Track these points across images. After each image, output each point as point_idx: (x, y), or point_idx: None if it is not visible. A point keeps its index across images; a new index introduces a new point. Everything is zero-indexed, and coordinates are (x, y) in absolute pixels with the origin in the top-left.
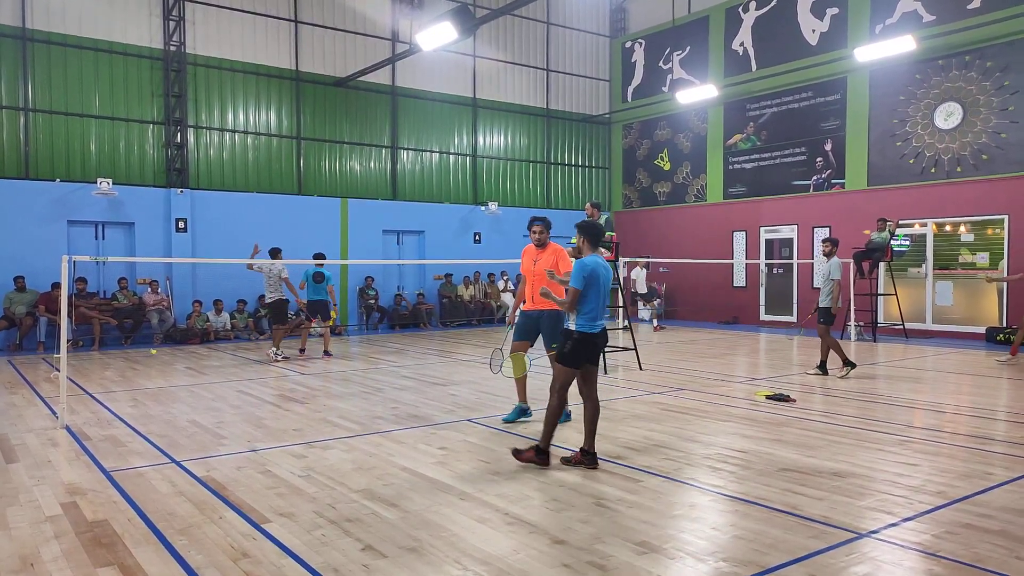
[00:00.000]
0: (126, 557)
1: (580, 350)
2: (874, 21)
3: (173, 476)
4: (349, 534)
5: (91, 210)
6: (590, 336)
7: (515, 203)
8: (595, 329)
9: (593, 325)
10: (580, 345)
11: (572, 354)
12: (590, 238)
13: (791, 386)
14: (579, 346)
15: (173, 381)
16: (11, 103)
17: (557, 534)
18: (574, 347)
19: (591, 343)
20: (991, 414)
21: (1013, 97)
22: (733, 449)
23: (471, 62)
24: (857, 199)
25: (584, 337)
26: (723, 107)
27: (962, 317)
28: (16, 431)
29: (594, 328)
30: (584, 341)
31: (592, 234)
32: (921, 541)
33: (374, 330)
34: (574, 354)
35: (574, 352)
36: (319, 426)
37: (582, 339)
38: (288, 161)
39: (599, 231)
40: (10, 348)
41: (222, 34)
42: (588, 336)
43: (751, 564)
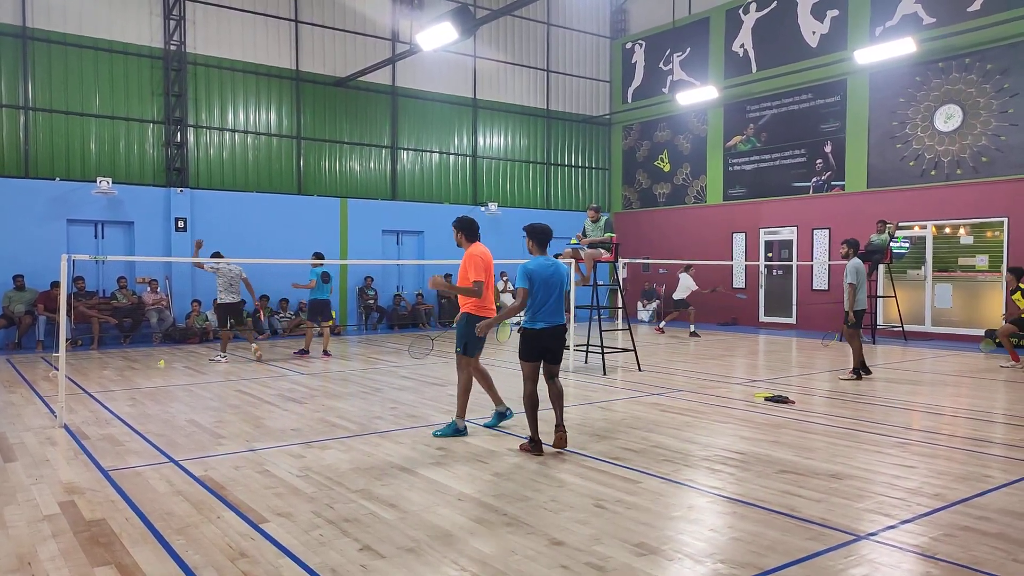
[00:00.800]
0: (124, 556)
1: (526, 344)
2: (874, 23)
3: (171, 475)
4: (347, 534)
5: (91, 209)
6: (531, 331)
7: (515, 204)
8: (535, 325)
9: (534, 322)
10: (524, 339)
11: (522, 348)
12: (535, 240)
13: (790, 388)
14: (524, 340)
15: (171, 380)
16: (11, 102)
17: (555, 535)
18: (521, 341)
19: (534, 338)
20: (989, 417)
21: (1013, 100)
22: (731, 451)
23: (471, 62)
24: (857, 201)
25: (525, 332)
26: (723, 108)
27: (961, 320)
28: (14, 430)
29: (535, 324)
30: (526, 336)
31: (537, 236)
32: (919, 543)
33: (373, 330)
34: (523, 348)
35: (523, 346)
36: (317, 426)
37: (524, 334)
38: (288, 161)
39: (544, 234)
40: (9, 347)
41: (222, 33)
42: (529, 331)
43: (749, 566)
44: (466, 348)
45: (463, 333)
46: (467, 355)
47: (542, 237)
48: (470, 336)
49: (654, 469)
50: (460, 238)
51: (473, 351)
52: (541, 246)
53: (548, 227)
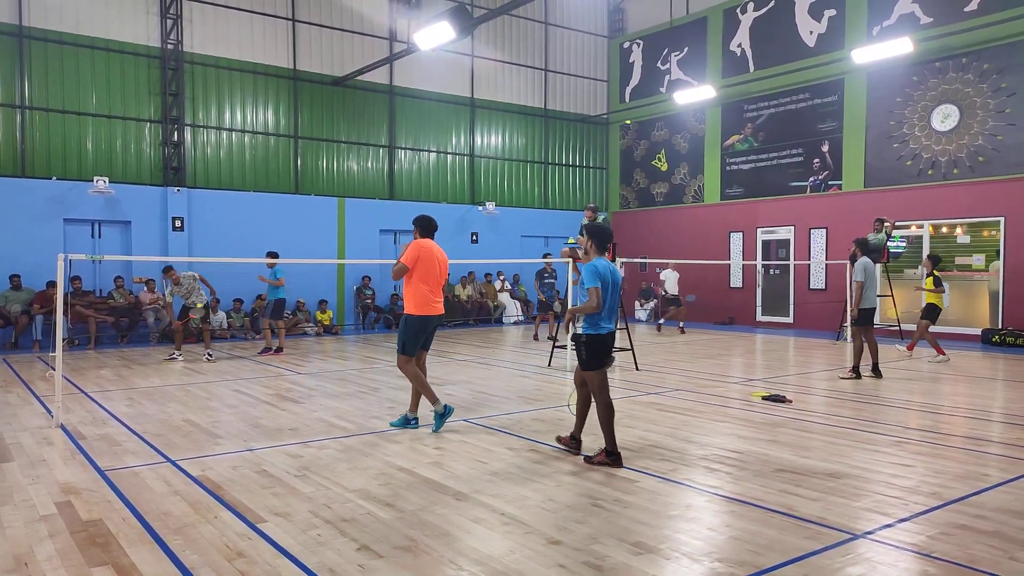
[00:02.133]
0: (120, 557)
1: (595, 351)
2: (871, 23)
3: (168, 475)
4: (345, 534)
5: (87, 208)
6: (600, 337)
7: (512, 203)
8: (602, 330)
9: (600, 327)
10: (593, 346)
11: (590, 356)
12: (596, 241)
13: (787, 387)
14: (593, 347)
15: (168, 380)
16: (7, 100)
17: (553, 534)
18: (588, 349)
19: (604, 343)
20: (986, 415)
21: (1010, 99)
22: (729, 450)
23: (469, 62)
24: (854, 200)
25: (594, 339)
26: (721, 108)
27: (958, 319)
28: (11, 430)
29: (601, 329)
30: (596, 342)
31: (598, 237)
32: (916, 542)
33: (371, 330)
34: (592, 355)
35: (591, 353)
36: (315, 425)
37: (592, 341)
38: (285, 160)
39: (605, 234)
40: (5, 347)
41: (219, 33)
42: (597, 337)
43: (746, 565)
44: (404, 347)
45: (400, 332)
46: (405, 354)
47: (603, 238)
48: (408, 336)
49: (652, 468)
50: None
51: (411, 350)
52: (602, 247)
53: (610, 228)
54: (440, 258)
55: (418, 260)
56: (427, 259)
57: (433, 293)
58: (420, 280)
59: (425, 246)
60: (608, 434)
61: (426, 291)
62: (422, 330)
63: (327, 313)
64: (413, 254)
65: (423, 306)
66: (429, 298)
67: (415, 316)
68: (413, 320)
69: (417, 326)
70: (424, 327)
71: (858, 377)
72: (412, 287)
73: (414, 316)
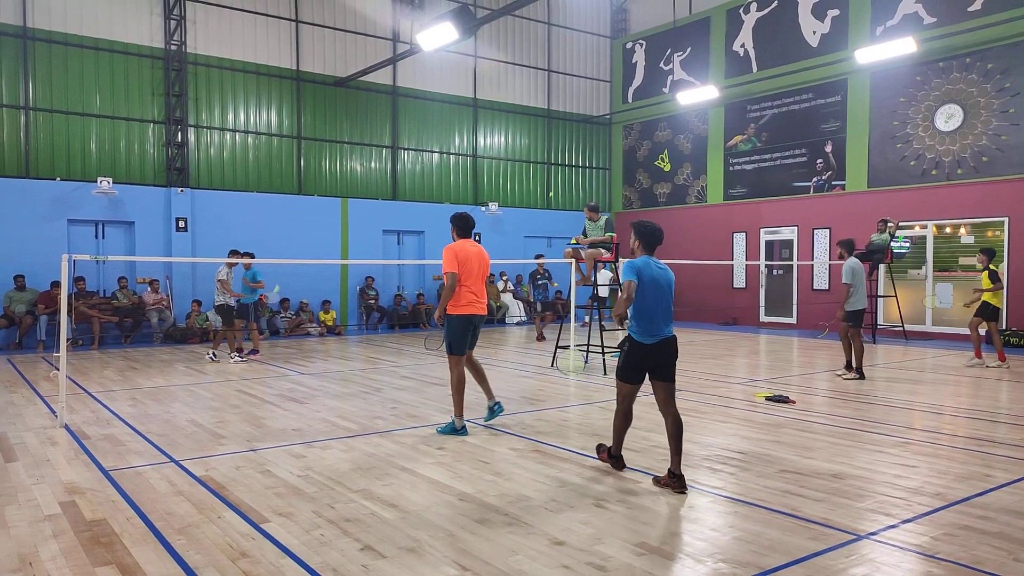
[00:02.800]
0: (124, 556)
1: (631, 361)
2: (875, 23)
3: (172, 475)
4: (348, 534)
5: (91, 209)
6: (640, 346)
7: (515, 204)
8: (647, 339)
9: (645, 334)
10: (630, 356)
11: (624, 365)
12: (643, 240)
13: (790, 388)
14: (629, 357)
15: (172, 380)
16: (12, 102)
17: (556, 535)
18: (625, 357)
19: (644, 355)
20: (990, 416)
21: (1014, 99)
22: (732, 450)
23: (472, 62)
24: (857, 201)
25: (633, 346)
26: (724, 108)
27: (962, 319)
28: (15, 430)
29: (646, 338)
30: (633, 351)
31: (645, 237)
32: (920, 543)
33: (374, 330)
34: (627, 365)
35: (626, 362)
36: (319, 426)
37: (631, 348)
38: (288, 161)
39: (653, 235)
40: (10, 347)
41: (223, 33)
42: (638, 346)
43: (750, 565)
44: (451, 348)
45: (445, 333)
46: (453, 354)
47: (651, 239)
48: (453, 336)
49: (655, 469)
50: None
51: (459, 350)
52: (649, 248)
53: (660, 229)
54: (479, 256)
55: (459, 261)
56: (465, 260)
57: (474, 292)
58: (464, 278)
59: (461, 247)
60: (618, 436)
61: (467, 290)
62: (466, 328)
63: (330, 313)
64: (452, 259)
65: (465, 305)
66: (471, 297)
67: (457, 316)
68: (456, 320)
69: (460, 325)
70: (468, 325)
71: (861, 377)
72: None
73: (456, 316)
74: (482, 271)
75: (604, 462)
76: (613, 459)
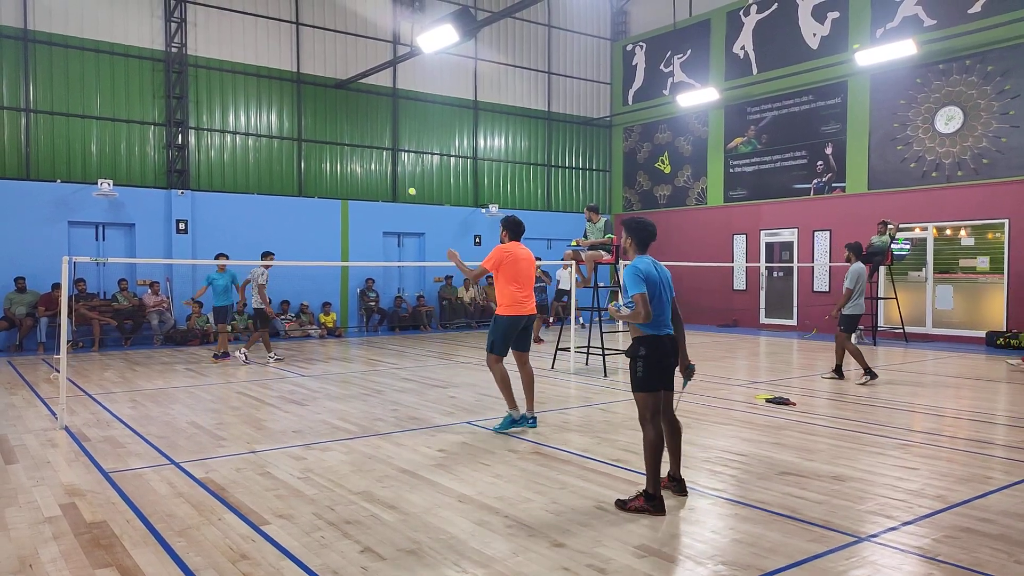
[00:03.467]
0: (124, 558)
1: (651, 364)
2: (875, 25)
3: (172, 477)
4: (348, 536)
5: (92, 211)
6: (656, 340)
7: (516, 206)
8: (661, 331)
9: (659, 328)
10: (648, 359)
11: (644, 371)
12: (635, 237)
13: (791, 389)
14: (648, 360)
15: (172, 382)
16: (12, 104)
17: (557, 537)
18: (645, 365)
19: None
20: (991, 418)
21: (1014, 101)
22: (732, 452)
23: (472, 64)
24: (858, 203)
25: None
26: (724, 110)
27: (962, 321)
28: (15, 432)
29: (660, 330)
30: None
31: (637, 233)
32: (921, 545)
33: (374, 332)
34: (646, 369)
35: (645, 367)
36: (319, 428)
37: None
38: (289, 163)
39: (645, 231)
40: (10, 349)
41: (223, 36)
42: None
43: (750, 568)
44: (492, 346)
45: (490, 331)
46: (494, 353)
47: (644, 235)
48: (497, 335)
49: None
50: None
51: (500, 350)
52: (643, 246)
53: (652, 223)
54: (528, 259)
55: (501, 263)
56: (511, 262)
57: (522, 292)
58: (508, 281)
59: (508, 249)
60: (652, 472)
61: (515, 290)
62: (512, 329)
63: (331, 315)
64: (495, 258)
65: (513, 306)
66: (518, 297)
67: (505, 316)
68: (503, 320)
69: (507, 325)
70: (514, 326)
71: (873, 376)
72: (501, 288)
73: (504, 316)
74: (530, 274)
75: (639, 512)
76: (652, 501)
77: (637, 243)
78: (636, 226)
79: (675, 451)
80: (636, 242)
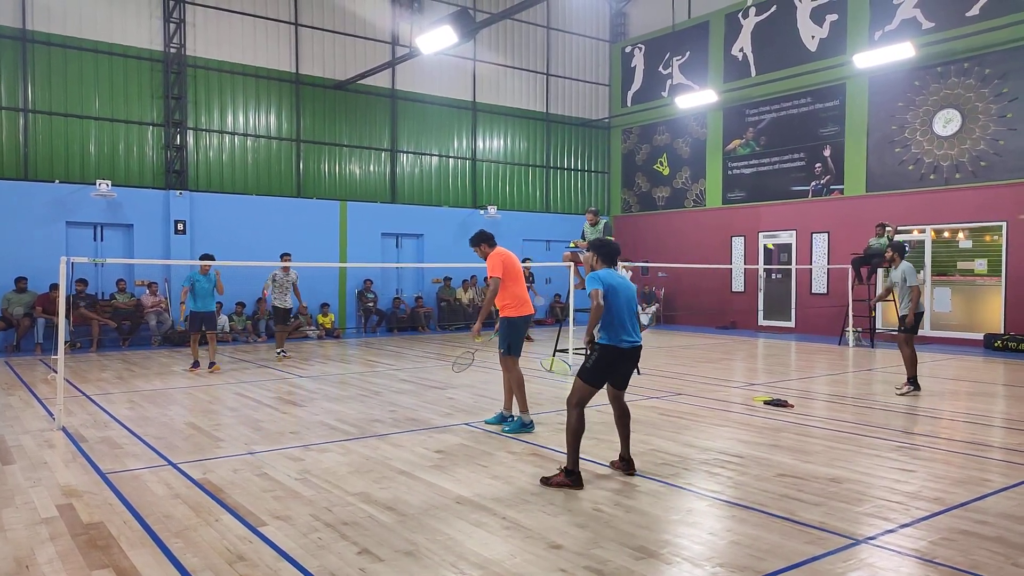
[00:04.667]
0: (121, 559)
1: (600, 365)
2: (873, 28)
3: (169, 478)
4: (346, 537)
5: (90, 211)
6: (613, 350)
7: (514, 207)
8: (621, 343)
9: (618, 338)
10: (601, 361)
11: (593, 369)
12: (599, 253)
13: (789, 392)
14: (600, 361)
15: (170, 383)
16: (11, 104)
17: (554, 539)
18: (595, 361)
19: (617, 358)
20: (988, 420)
21: (1011, 104)
22: (730, 454)
23: (471, 66)
24: (856, 205)
25: (605, 351)
26: (722, 112)
27: (960, 323)
28: (13, 432)
29: (619, 342)
30: (605, 356)
31: (602, 251)
32: (918, 547)
33: (372, 333)
34: (595, 369)
35: (595, 367)
36: (316, 429)
37: (603, 352)
38: (287, 164)
39: (613, 249)
40: (7, 349)
41: (222, 36)
42: (610, 350)
43: (748, 570)
44: (510, 348)
45: (504, 335)
46: (511, 355)
47: (609, 250)
48: (513, 337)
49: (652, 472)
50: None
51: (517, 351)
52: (609, 260)
53: (617, 244)
54: (516, 259)
55: (505, 266)
56: (511, 264)
57: (524, 292)
58: (513, 283)
59: (504, 252)
60: (573, 451)
61: (520, 291)
62: (525, 328)
63: (329, 316)
64: (499, 263)
65: (522, 306)
66: (524, 297)
67: (518, 317)
68: (518, 321)
69: (522, 326)
70: (527, 325)
71: (917, 389)
72: (507, 291)
73: (517, 317)
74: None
75: (558, 487)
76: (571, 476)
77: (602, 258)
78: (601, 243)
79: (625, 434)
80: (600, 257)
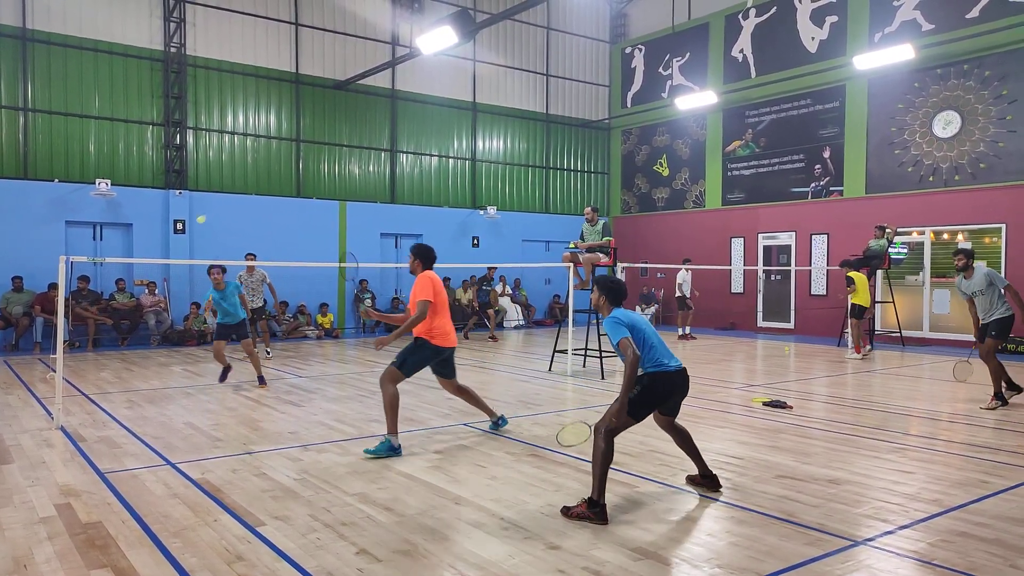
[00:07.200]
0: (119, 559)
1: (650, 393)
2: (873, 29)
3: (168, 478)
4: (344, 538)
5: (89, 211)
6: (663, 375)
7: (514, 208)
8: (668, 367)
9: (661, 364)
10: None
11: (640, 398)
12: (608, 295)
13: (788, 393)
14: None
15: (169, 383)
16: (11, 103)
17: (552, 539)
18: (643, 393)
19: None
20: (987, 422)
21: (1011, 106)
22: (729, 455)
23: (471, 66)
24: (855, 206)
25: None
26: (722, 113)
27: (959, 325)
28: (11, 432)
29: (666, 367)
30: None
31: (611, 292)
32: (917, 549)
33: (371, 333)
34: (644, 397)
35: (644, 396)
36: (315, 429)
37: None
38: (287, 163)
39: (621, 290)
40: (6, 348)
41: (222, 36)
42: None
43: (747, 571)
44: (402, 365)
45: (408, 351)
46: (402, 372)
47: (617, 294)
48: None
49: (651, 474)
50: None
51: (409, 373)
52: (616, 303)
53: (624, 285)
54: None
55: (436, 293)
56: (441, 291)
57: (450, 323)
58: (440, 312)
59: (436, 277)
60: (601, 480)
61: (445, 322)
62: (434, 359)
63: (328, 316)
64: (430, 287)
65: (444, 337)
66: (448, 328)
67: (434, 345)
68: (431, 348)
69: (432, 356)
70: (437, 356)
71: (1004, 404)
72: (434, 319)
73: (433, 345)
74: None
75: (578, 519)
76: (595, 509)
77: (610, 301)
78: (611, 285)
79: (695, 453)
80: (609, 300)
